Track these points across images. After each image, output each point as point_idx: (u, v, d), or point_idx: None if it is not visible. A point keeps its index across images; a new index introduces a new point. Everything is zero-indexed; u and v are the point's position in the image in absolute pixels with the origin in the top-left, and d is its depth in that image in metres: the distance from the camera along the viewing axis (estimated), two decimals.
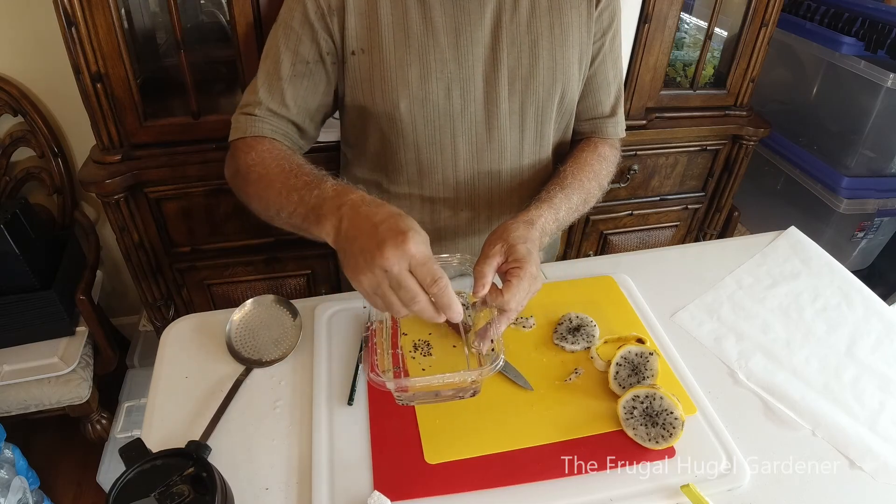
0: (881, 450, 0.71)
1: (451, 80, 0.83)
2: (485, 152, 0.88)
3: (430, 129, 0.85)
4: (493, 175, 0.90)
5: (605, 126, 0.97)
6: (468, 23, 0.81)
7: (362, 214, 0.61)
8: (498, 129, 0.87)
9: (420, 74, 0.81)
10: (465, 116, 0.85)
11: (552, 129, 0.92)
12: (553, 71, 0.86)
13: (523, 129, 0.89)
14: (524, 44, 0.84)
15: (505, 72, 0.84)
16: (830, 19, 1.71)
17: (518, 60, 0.84)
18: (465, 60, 0.82)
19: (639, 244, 1.72)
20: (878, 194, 1.64)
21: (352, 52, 0.82)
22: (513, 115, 0.87)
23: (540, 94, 0.86)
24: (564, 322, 0.86)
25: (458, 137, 0.87)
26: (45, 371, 1.39)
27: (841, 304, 0.93)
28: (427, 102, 0.83)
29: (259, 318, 0.85)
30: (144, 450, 0.61)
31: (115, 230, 1.29)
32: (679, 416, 0.69)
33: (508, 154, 0.89)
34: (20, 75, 1.44)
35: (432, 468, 0.67)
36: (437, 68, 0.82)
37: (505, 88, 0.85)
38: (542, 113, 0.89)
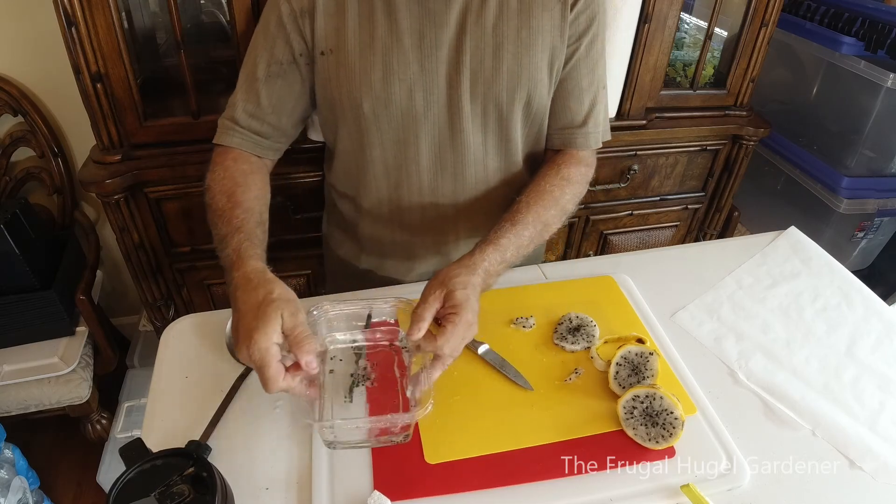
0: (881, 450, 0.71)
1: (413, 82, 0.83)
2: (447, 153, 0.88)
3: (393, 128, 0.86)
4: (457, 176, 0.90)
5: (575, 137, 0.92)
6: (433, 25, 0.81)
7: (238, 302, 0.67)
8: (461, 132, 0.87)
9: (383, 76, 0.82)
10: (428, 117, 0.85)
11: (519, 134, 0.91)
12: (517, 75, 0.84)
13: (486, 132, 0.88)
14: (488, 46, 0.83)
15: (467, 73, 0.83)
16: (830, 19, 1.71)
17: (481, 63, 0.83)
18: (428, 62, 0.82)
19: (639, 244, 1.71)
20: (878, 194, 1.63)
21: (321, 52, 0.83)
22: (475, 118, 0.87)
23: (502, 97, 0.85)
24: (564, 322, 0.86)
25: (420, 138, 0.87)
26: (45, 371, 1.39)
27: (841, 304, 0.93)
28: (390, 103, 0.83)
29: None
30: (144, 450, 0.61)
31: (115, 230, 1.29)
32: (679, 416, 0.69)
33: (471, 156, 0.89)
34: (20, 75, 1.44)
35: (432, 468, 0.67)
36: (399, 70, 0.82)
37: (467, 91, 0.84)
38: (507, 117, 0.87)
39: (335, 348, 0.77)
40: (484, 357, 0.80)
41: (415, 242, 0.97)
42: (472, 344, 0.81)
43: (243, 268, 0.70)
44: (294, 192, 1.35)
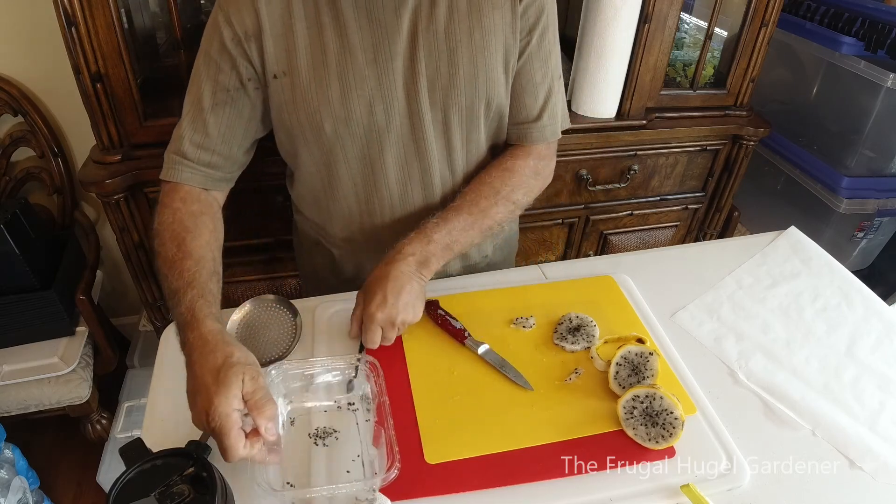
0: (881, 450, 0.71)
1: (372, 97, 0.81)
2: (413, 164, 0.87)
3: (357, 146, 0.85)
4: (425, 184, 0.89)
5: (530, 131, 0.91)
6: (385, 36, 0.79)
7: (195, 365, 0.65)
8: (424, 141, 0.86)
9: (340, 94, 0.80)
10: (391, 130, 0.84)
11: (483, 135, 0.90)
12: (474, 78, 0.82)
13: (449, 138, 0.87)
14: (442, 52, 0.81)
15: (424, 82, 0.81)
16: (830, 19, 1.71)
17: (437, 70, 0.81)
18: (384, 75, 0.80)
19: (639, 244, 1.71)
20: (878, 194, 1.63)
21: (273, 75, 0.81)
22: (436, 125, 0.85)
23: (462, 102, 0.84)
24: (564, 322, 0.86)
25: (385, 152, 0.86)
26: (45, 371, 1.39)
27: (841, 304, 0.93)
28: (350, 121, 0.82)
29: (259, 318, 0.85)
30: (144, 450, 0.61)
31: (115, 230, 1.29)
32: (679, 416, 0.69)
33: (436, 164, 0.88)
34: (20, 75, 1.44)
35: (432, 468, 0.67)
36: (356, 86, 0.80)
37: (426, 99, 0.82)
38: (468, 121, 0.86)
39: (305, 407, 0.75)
40: (484, 357, 0.80)
41: None
42: (472, 344, 0.81)
43: (199, 329, 0.67)
44: None
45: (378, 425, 0.71)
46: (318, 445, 0.70)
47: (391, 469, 0.64)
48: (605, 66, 1.35)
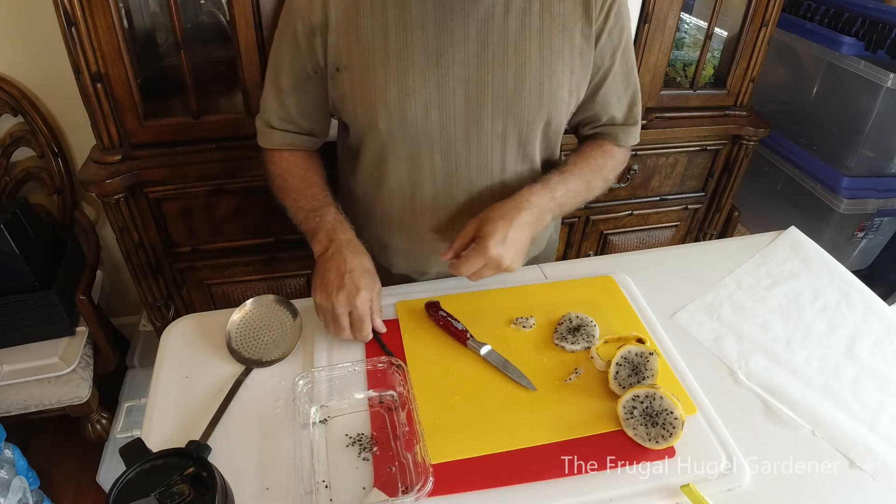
0: (881, 450, 0.71)
1: (429, 101, 0.81)
2: (464, 171, 0.88)
3: (408, 146, 0.85)
4: (471, 193, 0.90)
5: (617, 133, 0.96)
6: (450, 43, 0.79)
7: (342, 258, 0.79)
8: (478, 149, 0.86)
9: (398, 94, 0.81)
10: (444, 136, 0.84)
11: (537, 149, 0.91)
12: (540, 95, 0.83)
13: (505, 150, 0.88)
14: (511, 66, 0.81)
15: (490, 94, 0.82)
16: (830, 19, 1.71)
17: (504, 83, 0.82)
18: (444, 81, 0.81)
19: (639, 244, 1.72)
20: (878, 194, 1.64)
21: (336, 68, 0.83)
22: (495, 137, 0.86)
23: (524, 117, 0.84)
24: (564, 322, 0.86)
25: (435, 155, 0.86)
26: (45, 371, 1.39)
27: (841, 304, 0.93)
28: (405, 122, 0.83)
29: (259, 318, 0.85)
30: (144, 450, 0.61)
31: (115, 230, 1.29)
32: (679, 416, 0.69)
33: (489, 172, 0.89)
34: (20, 75, 1.44)
35: (433, 468, 0.67)
36: (415, 88, 0.81)
37: (489, 110, 0.83)
38: (527, 135, 0.87)
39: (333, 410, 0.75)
40: (487, 358, 0.80)
41: (424, 253, 0.97)
42: (474, 345, 0.81)
43: (348, 234, 0.83)
44: None
45: (410, 434, 0.70)
46: (358, 457, 0.69)
47: (426, 483, 0.63)
48: None
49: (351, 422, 0.73)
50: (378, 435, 0.71)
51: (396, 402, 0.75)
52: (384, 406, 0.75)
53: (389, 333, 0.85)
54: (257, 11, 1.14)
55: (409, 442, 0.69)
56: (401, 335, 0.85)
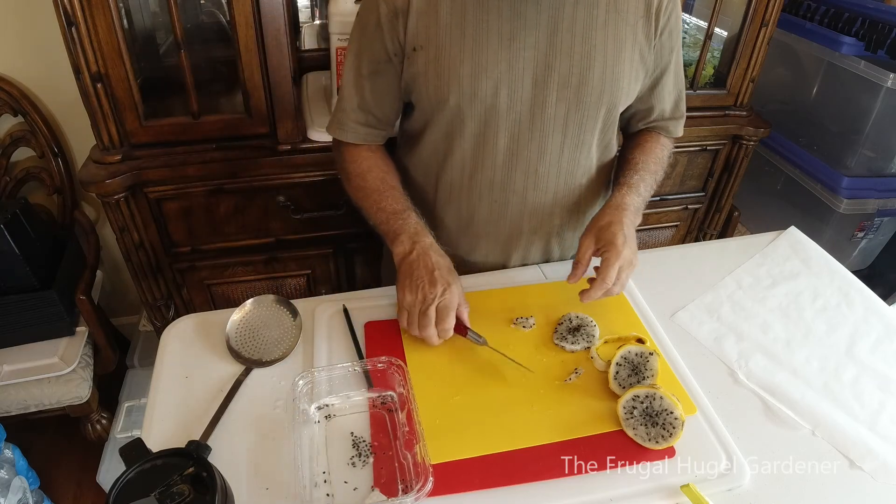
0: (881, 450, 0.71)
1: (499, 80, 0.85)
2: (524, 151, 0.91)
3: (475, 122, 0.89)
4: (529, 174, 0.93)
5: (667, 125, 1.02)
6: (523, 27, 0.83)
7: (429, 258, 0.84)
8: (540, 132, 0.89)
9: (471, 72, 0.85)
10: (510, 115, 0.88)
11: (595, 138, 0.94)
12: (603, 82, 0.87)
13: (565, 135, 0.91)
14: (577, 53, 0.85)
15: (556, 77, 0.86)
16: (830, 19, 1.71)
17: (570, 68, 0.86)
18: (515, 62, 0.85)
19: (639, 244, 1.71)
20: (878, 194, 1.63)
21: (413, 48, 0.86)
22: (557, 121, 0.89)
23: (587, 103, 0.88)
24: (564, 322, 0.86)
25: (500, 134, 0.89)
26: (45, 371, 1.39)
27: (841, 304, 0.93)
28: (475, 98, 0.86)
29: (259, 318, 0.85)
30: (144, 450, 0.61)
31: (115, 230, 1.29)
32: (679, 416, 0.69)
33: (547, 156, 0.92)
34: (20, 75, 1.44)
35: (433, 468, 0.67)
36: (488, 67, 0.85)
37: (553, 93, 0.87)
38: (586, 121, 0.90)
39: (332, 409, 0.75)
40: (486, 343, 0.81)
41: (479, 234, 1.00)
42: (473, 336, 0.82)
43: (430, 238, 0.87)
44: (295, 193, 1.35)
45: (410, 434, 0.70)
46: (358, 457, 0.69)
47: (426, 483, 0.63)
48: None
49: (351, 422, 0.73)
50: (378, 435, 0.71)
51: (396, 401, 0.75)
52: (384, 406, 0.75)
53: (389, 333, 0.85)
54: (257, 11, 1.14)
55: (409, 442, 0.69)
56: (401, 335, 0.85)
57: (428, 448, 0.67)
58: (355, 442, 0.70)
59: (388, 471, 0.67)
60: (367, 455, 0.69)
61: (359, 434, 0.71)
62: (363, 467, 0.68)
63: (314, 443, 0.70)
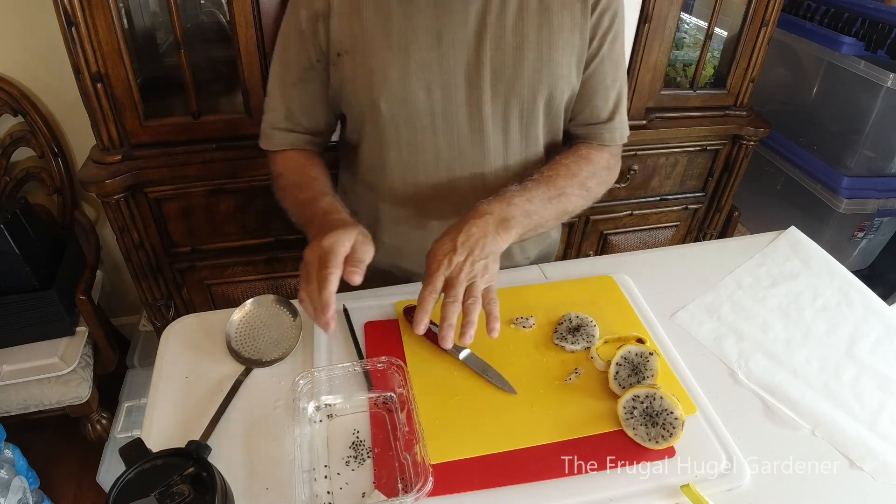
0: (881, 450, 0.71)
1: (431, 81, 0.82)
2: (467, 153, 0.88)
3: (410, 128, 0.85)
4: (475, 176, 0.89)
5: (601, 132, 0.94)
6: (451, 24, 0.80)
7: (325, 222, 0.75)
8: (481, 131, 0.86)
9: (400, 75, 0.82)
10: (446, 117, 0.85)
11: (540, 131, 0.91)
12: (539, 73, 0.84)
13: (507, 131, 0.88)
14: (509, 45, 0.82)
15: (488, 74, 0.83)
16: (830, 19, 1.71)
17: (503, 62, 0.82)
18: (446, 62, 0.82)
19: (639, 244, 1.72)
20: (878, 194, 1.64)
21: (337, 53, 0.83)
22: (496, 117, 0.86)
23: (524, 96, 0.85)
24: (564, 322, 0.86)
25: (439, 137, 0.86)
26: (45, 371, 1.39)
27: (841, 304, 0.93)
28: (406, 102, 0.83)
29: (259, 318, 0.85)
30: (144, 450, 0.61)
31: (115, 230, 1.29)
32: (679, 416, 0.69)
33: (492, 156, 0.88)
34: (20, 75, 1.44)
35: (432, 468, 0.67)
36: (417, 69, 0.81)
37: (488, 90, 0.84)
38: (528, 115, 0.87)
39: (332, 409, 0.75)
40: (466, 362, 0.79)
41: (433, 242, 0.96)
42: (453, 350, 0.79)
43: (341, 215, 0.79)
44: None
45: (410, 434, 0.69)
46: (358, 457, 0.69)
47: (426, 483, 0.63)
48: None
49: (351, 422, 0.73)
50: (378, 435, 0.71)
51: (396, 402, 0.74)
52: (384, 406, 0.75)
53: (389, 333, 0.85)
54: (257, 11, 1.14)
55: (409, 442, 0.69)
56: (401, 335, 0.85)
57: (428, 448, 0.67)
58: (355, 442, 0.70)
59: (388, 471, 0.67)
60: (367, 455, 0.69)
61: (359, 434, 0.71)
62: (363, 467, 0.68)
63: (314, 443, 0.70)
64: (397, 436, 0.71)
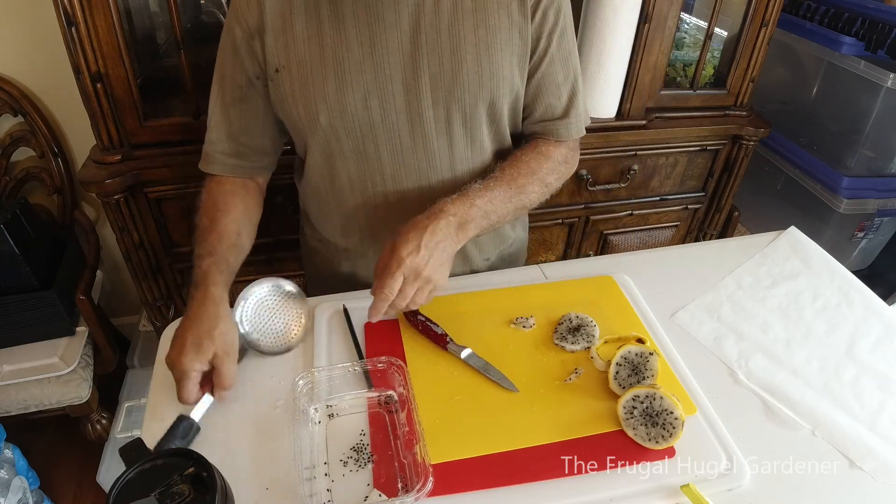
0: (881, 450, 0.71)
1: (367, 90, 0.81)
2: (411, 161, 0.86)
3: (352, 139, 0.84)
4: (422, 184, 0.88)
5: (556, 128, 0.92)
6: (383, 30, 0.79)
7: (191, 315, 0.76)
8: (423, 138, 0.85)
9: (336, 87, 0.80)
10: (386, 126, 0.83)
11: (486, 135, 0.89)
12: (478, 76, 0.82)
13: (451, 137, 0.86)
14: (445, 49, 0.80)
15: (427, 79, 0.81)
16: (830, 19, 1.71)
17: (440, 66, 0.80)
18: (380, 69, 0.80)
19: (639, 244, 1.72)
20: (878, 194, 1.64)
21: (275, 69, 0.82)
22: (438, 123, 0.84)
23: (465, 100, 0.83)
24: (564, 322, 0.86)
25: (381, 147, 0.85)
26: (45, 371, 1.39)
27: (841, 304, 0.93)
28: (345, 114, 0.82)
29: (272, 304, 0.84)
30: (144, 450, 0.61)
31: (115, 230, 1.29)
32: (679, 416, 0.69)
33: (437, 162, 0.87)
34: (20, 75, 1.44)
35: (432, 468, 0.67)
36: (352, 79, 0.80)
37: (428, 96, 0.82)
38: (471, 119, 0.85)
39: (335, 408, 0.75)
40: (468, 361, 0.80)
41: None
42: (454, 349, 0.81)
43: (206, 291, 0.79)
44: (294, 193, 1.35)
45: (410, 434, 0.69)
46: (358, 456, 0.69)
47: (426, 483, 0.63)
48: (604, 67, 1.35)
49: (351, 422, 0.73)
50: (378, 435, 0.71)
51: (396, 402, 0.74)
52: (384, 406, 0.75)
53: (389, 333, 0.85)
54: None
55: (409, 442, 0.69)
56: (401, 335, 0.85)
57: (428, 448, 0.67)
58: (355, 442, 0.70)
59: (388, 471, 0.67)
60: (367, 455, 0.69)
61: (359, 434, 0.71)
62: (363, 467, 0.68)
63: (314, 443, 0.70)
64: (397, 436, 0.71)
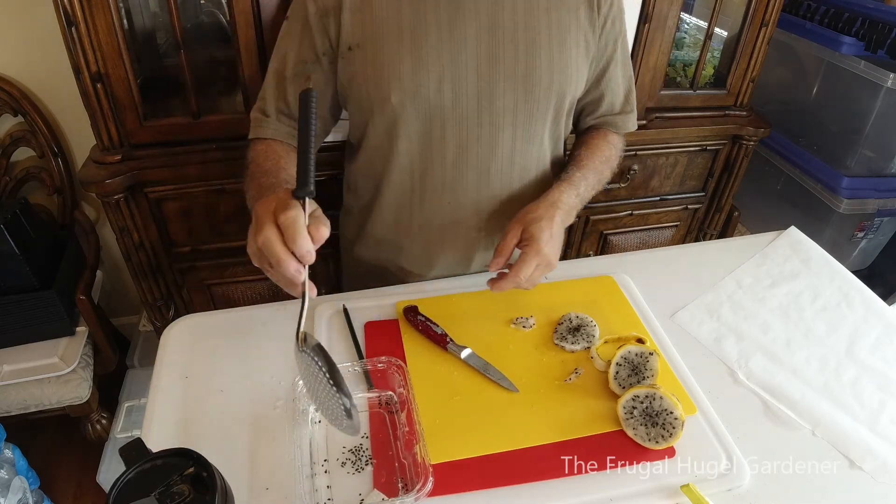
0: (881, 450, 0.71)
1: (443, 74, 0.82)
2: (474, 147, 0.88)
3: (420, 120, 0.85)
4: (481, 172, 0.90)
5: (616, 121, 1.00)
6: (462, 17, 0.81)
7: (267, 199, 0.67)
8: (490, 125, 0.87)
9: (412, 68, 0.82)
10: (456, 111, 0.85)
11: (546, 130, 0.91)
12: (551, 72, 0.85)
13: (515, 128, 0.88)
14: (521, 41, 0.83)
15: (501, 69, 0.83)
16: (830, 19, 1.71)
17: (515, 58, 0.83)
18: (458, 55, 0.82)
19: (639, 244, 1.72)
20: (878, 194, 1.64)
21: (348, 47, 0.83)
22: (507, 114, 0.86)
23: (537, 93, 0.86)
24: (564, 322, 0.86)
25: (447, 130, 0.86)
26: (45, 371, 1.39)
27: (841, 304, 0.93)
28: (418, 95, 0.83)
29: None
30: (144, 450, 0.61)
31: (115, 230, 1.29)
32: (679, 416, 0.69)
33: (499, 153, 0.89)
34: (20, 75, 1.44)
35: (432, 468, 0.67)
36: (429, 61, 0.82)
37: (500, 84, 0.84)
38: (536, 113, 0.88)
39: None
40: (467, 361, 0.80)
41: (433, 239, 0.96)
42: (454, 349, 0.81)
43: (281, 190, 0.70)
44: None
45: (410, 434, 0.69)
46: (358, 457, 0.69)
47: (426, 483, 0.63)
48: None
49: None
50: (378, 435, 0.71)
51: (396, 402, 0.74)
52: (384, 406, 0.75)
53: (389, 333, 0.85)
54: (257, 11, 1.14)
55: (409, 442, 0.69)
56: (401, 335, 0.85)
57: (428, 448, 0.67)
58: (355, 442, 0.70)
59: (388, 471, 0.67)
60: (367, 455, 0.69)
61: (365, 436, 0.71)
62: (363, 467, 0.68)
63: (314, 443, 0.70)
64: (397, 436, 0.71)
